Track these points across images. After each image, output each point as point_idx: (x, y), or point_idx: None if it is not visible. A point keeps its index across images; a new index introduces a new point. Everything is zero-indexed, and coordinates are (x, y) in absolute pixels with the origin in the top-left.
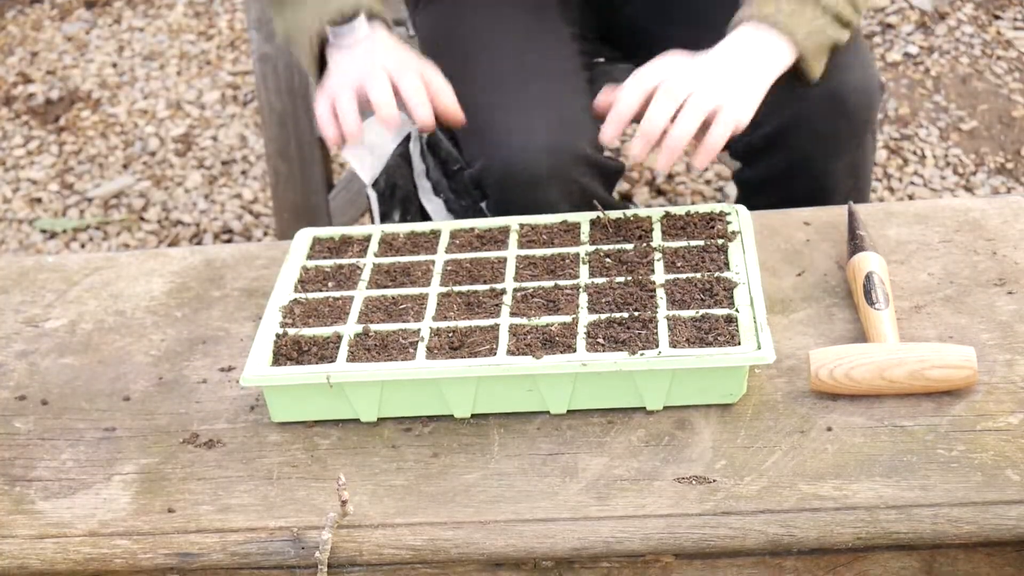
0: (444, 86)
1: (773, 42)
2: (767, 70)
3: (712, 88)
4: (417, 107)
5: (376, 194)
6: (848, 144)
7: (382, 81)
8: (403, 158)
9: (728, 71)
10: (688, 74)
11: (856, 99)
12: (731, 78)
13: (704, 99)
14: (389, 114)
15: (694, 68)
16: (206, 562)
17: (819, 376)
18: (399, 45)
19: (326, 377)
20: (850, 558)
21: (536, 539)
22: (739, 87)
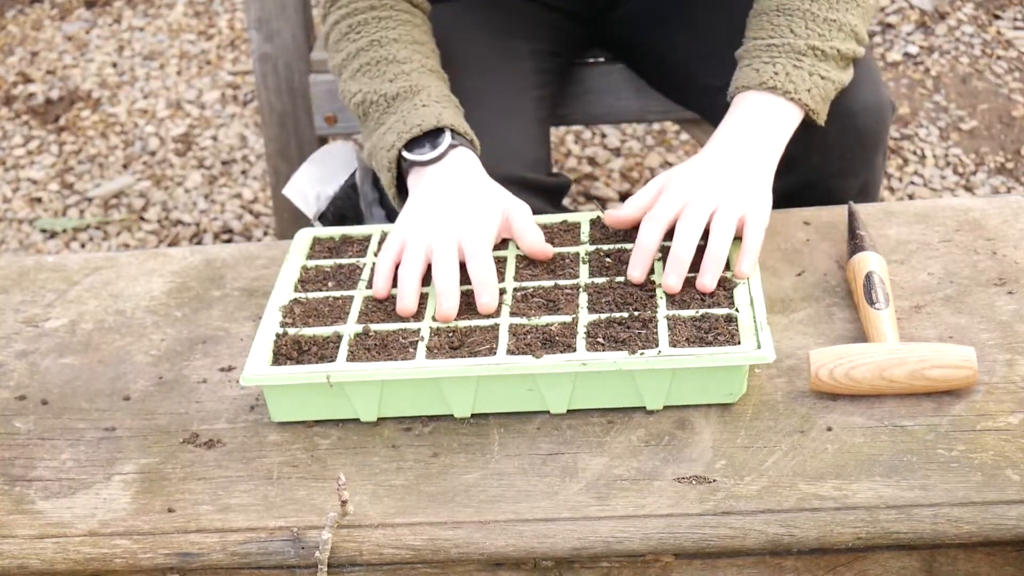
0: (527, 229)
1: (778, 107)
2: (778, 142)
3: (733, 201)
4: (478, 294)
5: (323, 226)
6: (859, 164)
7: (450, 263)
8: (352, 189)
9: (740, 170)
10: (703, 191)
11: (866, 118)
12: (745, 179)
13: (729, 215)
14: (447, 312)
15: (706, 179)
16: (206, 562)
17: (819, 376)
18: (481, 186)
19: (326, 377)
20: (850, 558)
21: (536, 539)
22: (755, 186)
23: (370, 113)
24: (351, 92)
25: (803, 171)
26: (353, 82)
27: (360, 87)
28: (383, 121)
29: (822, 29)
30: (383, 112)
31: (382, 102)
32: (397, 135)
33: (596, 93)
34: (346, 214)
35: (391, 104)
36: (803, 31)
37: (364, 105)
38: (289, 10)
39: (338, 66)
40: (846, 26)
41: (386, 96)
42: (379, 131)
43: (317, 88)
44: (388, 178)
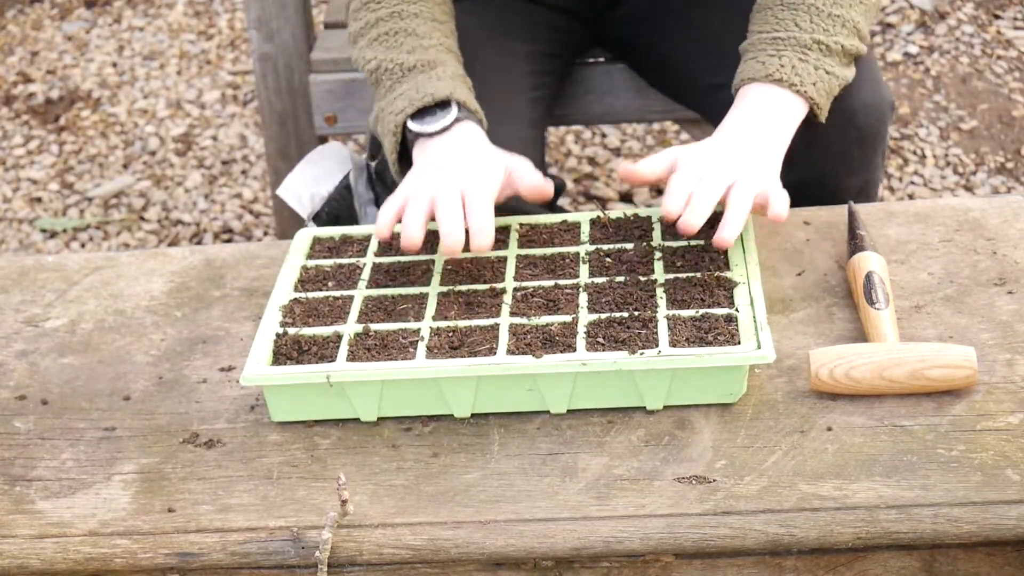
0: (527, 174)
1: (784, 100)
2: (785, 133)
3: (751, 177)
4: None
5: (317, 227)
6: (859, 162)
7: (454, 207)
8: (346, 189)
9: (753, 152)
10: (719, 167)
11: (867, 116)
12: (759, 160)
13: (747, 189)
14: (453, 246)
15: (720, 157)
16: (206, 562)
17: (819, 376)
18: (484, 149)
19: (326, 377)
20: (850, 558)
21: (536, 539)
22: (771, 167)
23: (382, 80)
24: (366, 59)
25: (803, 170)
26: (369, 49)
27: (376, 54)
28: (394, 88)
29: (827, 24)
30: (396, 80)
31: (397, 71)
32: (408, 101)
33: (596, 93)
34: (340, 214)
35: (405, 74)
36: (808, 25)
37: (378, 72)
38: (289, 10)
39: (355, 33)
40: (849, 22)
41: (402, 66)
42: (389, 96)
43: (317, 88)
44: (391, 143)
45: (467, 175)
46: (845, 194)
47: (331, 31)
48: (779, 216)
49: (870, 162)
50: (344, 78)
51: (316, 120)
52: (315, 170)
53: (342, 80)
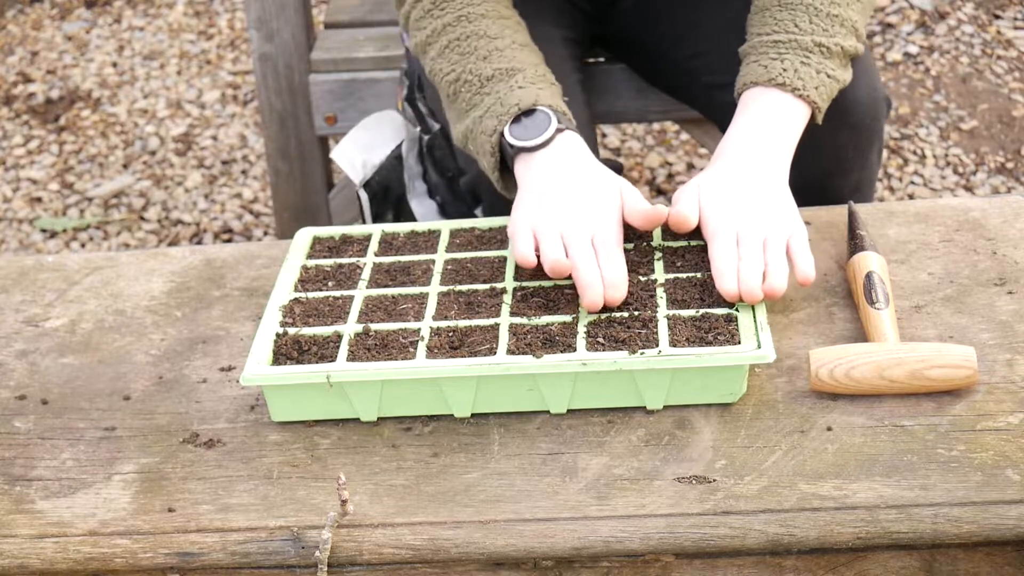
0: (638, 204)
1: (788, 106)
2: (791, 140)
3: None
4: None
5: (368, 195)
6: (855, 160)
7: (588, 259)
8: (397, 160)
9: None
10: (749, 224)
11: (861, 114)
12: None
13: (780, 245)
14: (594, 300)
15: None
16: (206, 561)
17: (819, 376)
18: (596, 172)
19: (326, 376)
20: (850, 558)
21: (536, 539)
22: (787, 203)
23: (461, 93)
24: (443, 71)
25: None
26: (443, 60)
27: (452, 66)
28: (475, 103)
29: (825, 24)
30: (475, 93)
31: (476, 82)
32: (497, 119)
33: (596, 93)
34: (390, 184)
35: (484, 84)
36: (807, 26)
37: (457, 84)
38: (289, 10)
39: (422, 43)
40: (848, 22)
41: (480, 76)
42: (473, 113)
43: (317, 88)
44: (492, 163)
45: (594, 214)
46: (840, 192)
47: (331, 31)
48: (806, 279)
49: (865, 160)
50: (344, 78)
51: (316, 120)
52: (369, 136)
53: (342, 80)
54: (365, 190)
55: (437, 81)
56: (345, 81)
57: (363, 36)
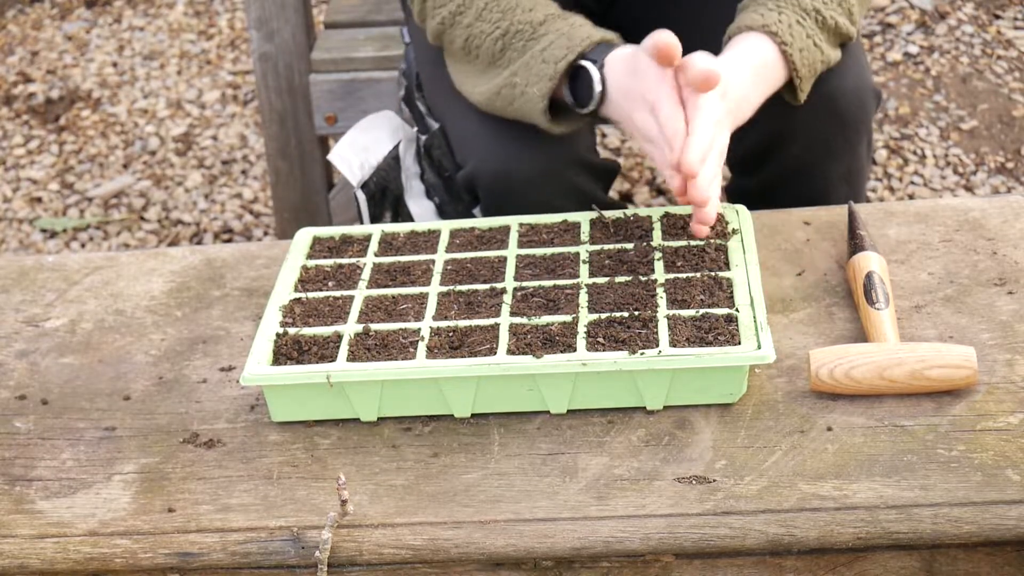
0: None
1: (774, 59)
2: (766, 90)
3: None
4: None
5: (365, 196)
6: (843, 150)
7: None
8: (395, 161)
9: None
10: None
11: (849, 103)
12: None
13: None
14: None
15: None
16: (206, 562)
17: (819, 376)
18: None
19: (326, 376)
20: (850, 558)
21: (536, 539)
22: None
23: (512, 44)
24: (484, 32)
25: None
26: (482, 22)
27: (496, 23)
28: (530, 46)
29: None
30: (529, 39)
31: (527, 29)
32: (566, 48)
33: None
34: (388, 185)
35: (537, 29)
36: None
37: (505, 37)
38: (289, 10)
39: (451, 15)
40: (845, 3)
41: (532, 23)
42: (533, 50)
43: (317, 88)
44: (547, 87)
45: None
46: (828, 182)
47: (331, 31)
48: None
49: (853, 150)
50: (344, 78)
51: (316, 120)
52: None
53: (342, 80)
54: (363, 191)
55: (477, 44)
56: (345, 81)
57: (363, 36)
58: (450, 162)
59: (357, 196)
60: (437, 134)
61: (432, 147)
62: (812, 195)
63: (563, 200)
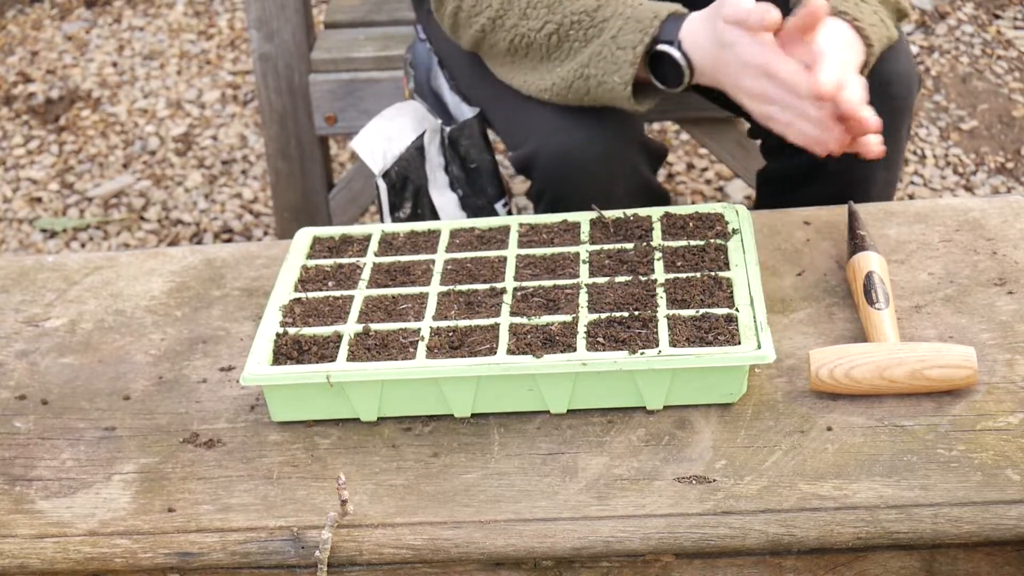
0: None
1: (851, 36)
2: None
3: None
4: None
5: (387, 185)
6: (888, 132)
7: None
8: (418, 151)
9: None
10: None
11: (901, 87)
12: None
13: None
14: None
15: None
16: (206, 561)
17: (819, 376)
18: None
19: (326, 376)
20: (850, 558)
21: (536, 539)
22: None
23: (570, 35)
24: (534, 28)
25: None
26: (529, 19)
27: (545, 19)
28: (594, 35)
29: None
30: (589, 27)
31: (584, 18)
32: (639, 31)
33: None
34: (409, 175)
35: (595, 16)
36: None
37: (560, 30)
38: (289, 10)
39: (491, 20)
40: None
41: (587, 11)
42: (598, 40)
43: (317, 88)
44: (629, 74)
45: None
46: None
47: (331, 31)
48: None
49: (897, 134)
50: (344, 78)
51: (316, 120)
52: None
53: (342, 80)
54: (384, 180)
55: (526, 43)
56: (345, 81)
57: (363, 36)
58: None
59: (378, 184)
60: (471, 123)
61: (460, 138)
62: (853, 178)
63: (620, 180)
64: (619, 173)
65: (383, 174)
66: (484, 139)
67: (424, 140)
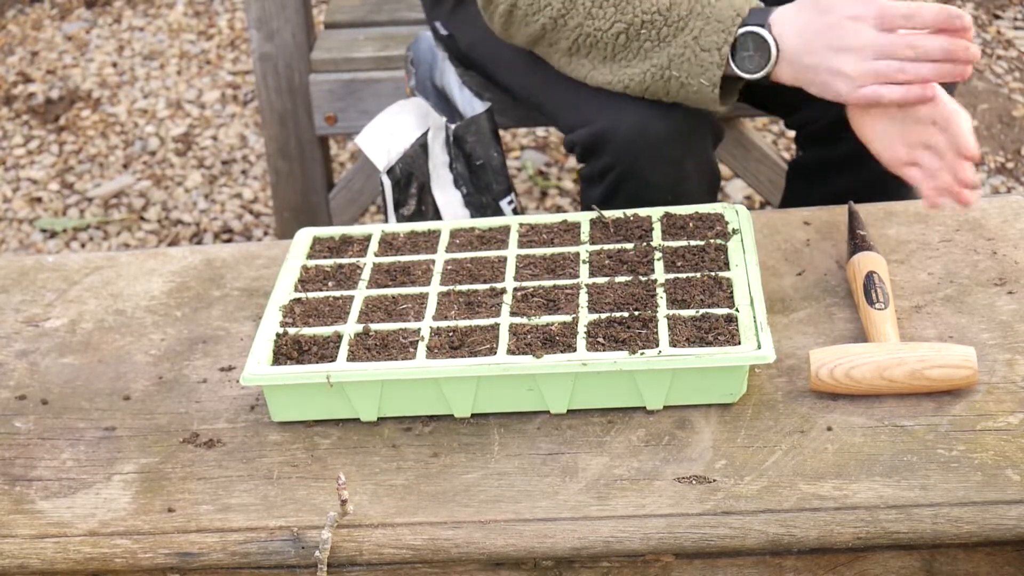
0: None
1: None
2: None
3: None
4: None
5: (391, 182)
6: None
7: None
8: (422, 148)
9: None
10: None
11: None
12: None
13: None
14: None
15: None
16: (206, 561)
17: (819, 376)
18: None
19: (326, 376)
20: (850, 558)
21: (536, 539)
22: None
23: (642, 34)
24: (603, 28)
25: None
26: (595, 19)
27: (614, 18)
28: (671, 34)
29: None
30: (663, 27)
31: (657, 19)
32: (723, 31)
33: None
34: (413, 172)
35: (669, 16)
36: None
37: (632, 28)
38: (289, 10)
39: (552, 19)
40: None
41: (659, 11)
42: (678, 40)
43: (317, 88)
44: (716, 76)
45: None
46: None
47: (331, 31)
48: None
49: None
50: (344, 78)
51: (316, 120)
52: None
53: (342, 80)
54: (388, 176)
55: (591, 43)
56: (345, 81)
57: (363, 36)
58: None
59: (382, 181)
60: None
61: (466, 134)
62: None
63: (690, 157)
64: (690, 150)
65: (387, 171)
66: (493, 135)
67: (428, 137)
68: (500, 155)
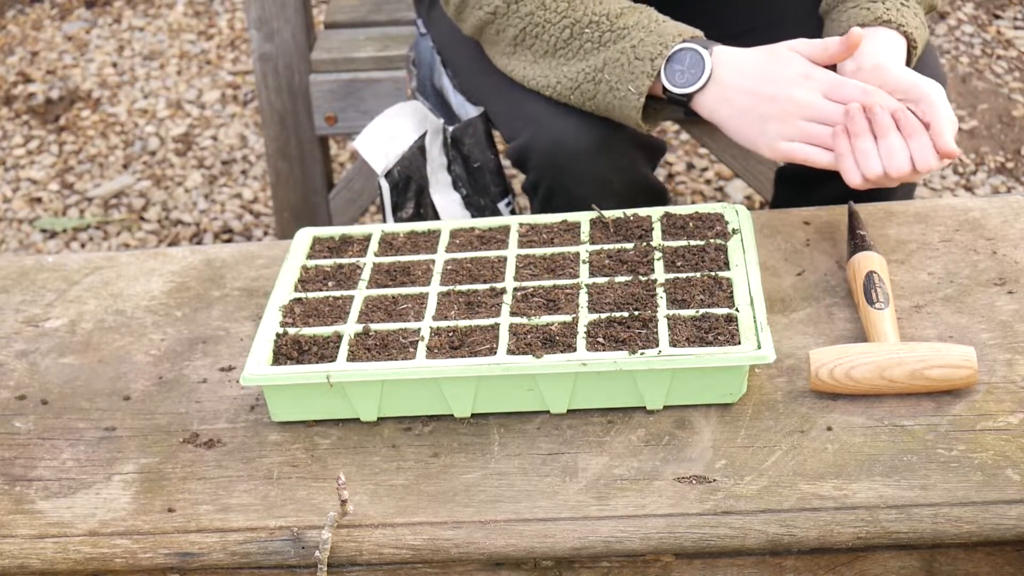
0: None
1: (896, 39)
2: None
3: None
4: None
5: (389, 185)
6: None
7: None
8: (420, 151)
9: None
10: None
11: None
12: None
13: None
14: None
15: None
16: (206, 562)
17: (819, 376)
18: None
19: (326, 376)
20: (850, 558)
21: (536, 539)
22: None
23: (584, 34)
24: (551, 20)
25: None
26: (545, 11)
27: (564, 13)
28: (611, 39)
29: None
30: (606, 31)
31: (603, 21)
32: (660, 45)
33: None
34: (411, 175)
35: (615, 22)
36: None
37: (575, 27)
38: (289, 10)
39: (507, 3)
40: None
41: (607, 15)
42: (615, 47)
43: (317, 88)
44: (645, 85)
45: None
46: None
47: (331, 31)
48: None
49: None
50: (344, 78)
51: (316, 120)
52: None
53: (342, 80)
54: (386, 180)
55: (536, 34)
56: (345, 81)
57: (363, 36)
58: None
59: (381, 184)
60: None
61: (463, 137)
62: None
63: (615, 173)
64: (614, 166)
65: (385, 174)
66: (488, 138)
67: (426, 140)
68: (496, 157)
